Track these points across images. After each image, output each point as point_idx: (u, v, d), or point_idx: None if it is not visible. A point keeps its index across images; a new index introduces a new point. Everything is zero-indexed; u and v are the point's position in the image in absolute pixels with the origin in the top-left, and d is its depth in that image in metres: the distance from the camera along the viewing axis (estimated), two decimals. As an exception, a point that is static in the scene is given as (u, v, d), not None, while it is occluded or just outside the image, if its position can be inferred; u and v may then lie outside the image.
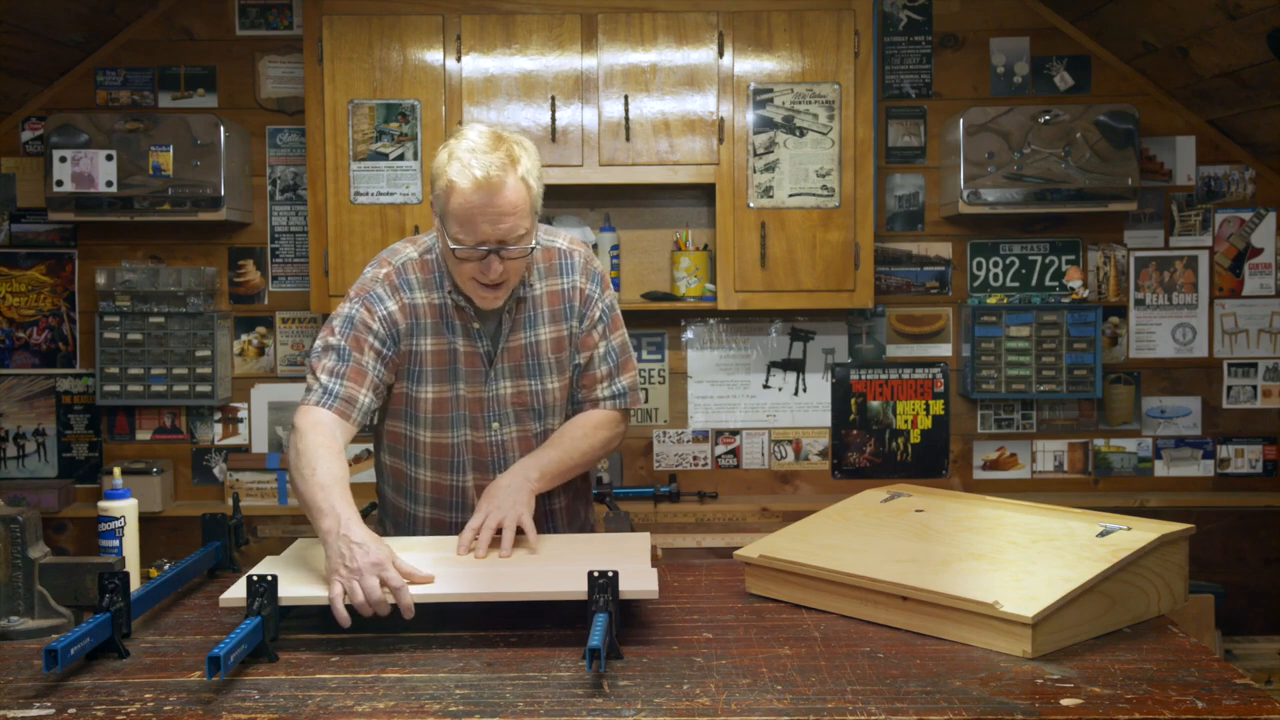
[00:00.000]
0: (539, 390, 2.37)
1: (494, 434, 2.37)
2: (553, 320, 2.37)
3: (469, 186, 2.13)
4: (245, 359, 4.32)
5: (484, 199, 2.13)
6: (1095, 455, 4.35)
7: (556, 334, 2.37)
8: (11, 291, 4.30)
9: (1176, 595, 1.99)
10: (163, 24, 4.25)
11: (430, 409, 2.35)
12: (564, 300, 2.37)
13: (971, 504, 2.26)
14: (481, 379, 2.34)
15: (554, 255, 2.38)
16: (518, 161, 2.17)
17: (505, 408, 2.36)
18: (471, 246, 2.17)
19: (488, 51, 3.92)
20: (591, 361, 2.41)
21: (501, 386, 2.35)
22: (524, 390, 2.36)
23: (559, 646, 1.86)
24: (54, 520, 4.18)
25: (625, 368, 2.44)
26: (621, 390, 2.43)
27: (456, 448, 2.38)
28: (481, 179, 2.12)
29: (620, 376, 2.44)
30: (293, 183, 4.28)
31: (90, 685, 1.72)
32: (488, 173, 2.12)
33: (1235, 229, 4.31)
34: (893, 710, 1.58)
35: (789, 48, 3.93)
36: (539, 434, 2.39)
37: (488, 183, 2.13)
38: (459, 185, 2.14)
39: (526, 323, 2.35)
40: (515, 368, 2.35)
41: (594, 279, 2.40)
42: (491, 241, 2.17)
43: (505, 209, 2.15)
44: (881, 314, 4.33)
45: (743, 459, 4.36)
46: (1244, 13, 3.44)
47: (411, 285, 2.32)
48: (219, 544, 2.36)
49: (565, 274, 2.38)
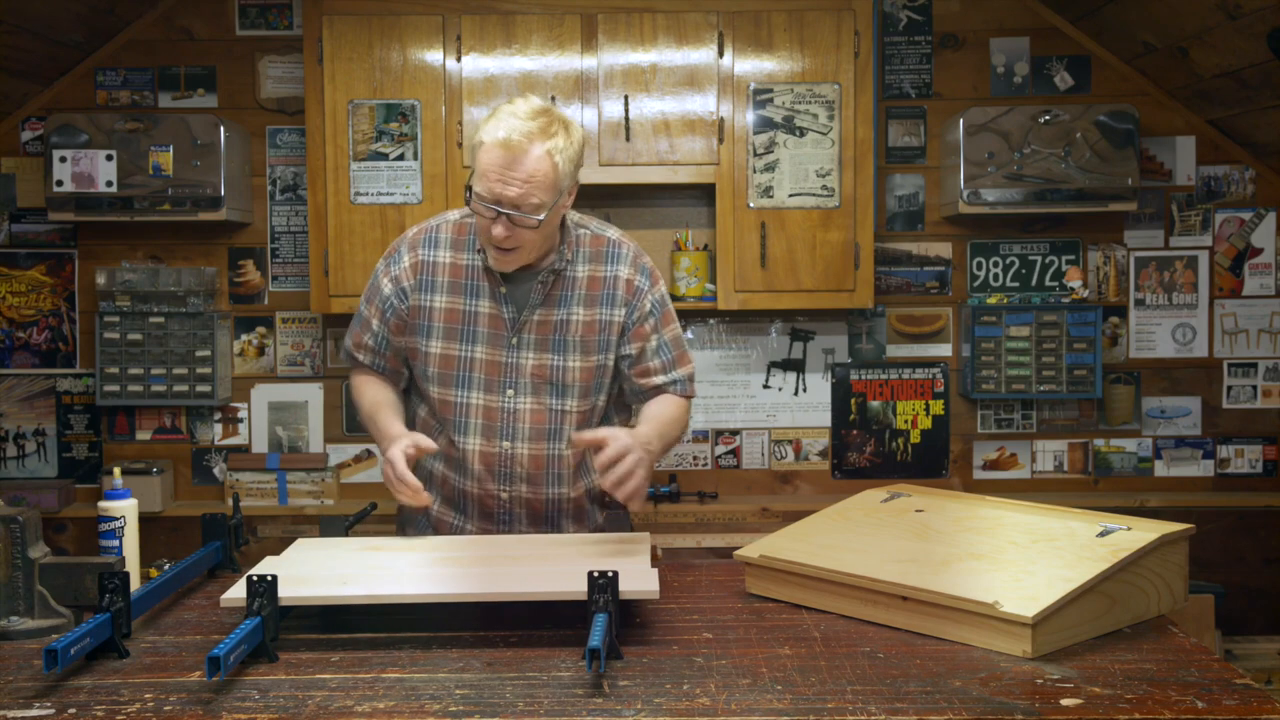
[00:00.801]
0: (560, 366, 2.39)
1: (508, 400, 2.40)
2: (589, 303, 2.40)
3: (492, 143, 2.21)
4: (245, 359, 4.32)
5: (503, 159, 2.21)
6: (1095, 455, 4.35)
7: (591, 318, 2.40)
8: (11, 291, 4.30)
9: (1176, 595, 1.99)
10: (163, 24, 4.25)
11: (436, 364, 2.41)
12: (605, 287, 2.41)
13: (971, 504, 2.26)
14: (503, 344, 2.38)
15: (603, 243, 2.44)
16: (550, 136, 2.23)
17: (524, 377, 2.39)
18: (483, 202, 2.23)
19: (488, 51, 3.92)
20: (644, 353, 2.44)
21: (524, 356, 2.39)
22: (545, 364, 2.39)
23: (559, 646, 1.86)
24: (54, 520, 4.19)
25: (681, 361, 2.50)
26: (683, 377, 2.49)
27: (460, 408, 2.41)
28: (503, 139, 2.20)
29: (679, 368, 2.48)
30: (293, 183, 4.28)
31: (90, 685, 1.72)
32: (510, 136, 2.20)
33: (1235, 229, 4.31)
34: (893, 710, 1.58)
35: (789, 48, 3.93)
36: (555, 410, 2.41)
37: (508, 144, 2.20)
38: (485, 140, 2.23)
39: (561, 300, 2.39)
40: (541, 340, 2.39)
41: (644, 272, 2.44)
42: (503, 203, 2.22)
43: (521, 175, 2.21)
44: (881, 314, 4.33)
45: (743, 459, 4.36)
46: (1244, 13, 3.44)
47: (437, 244, 2.42)
48: (219, 544, 2.36)
49: (611, 262, 2.42)
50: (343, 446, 4.32)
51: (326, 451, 4.30)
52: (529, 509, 2.45)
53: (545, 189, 2.23)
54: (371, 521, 2.70)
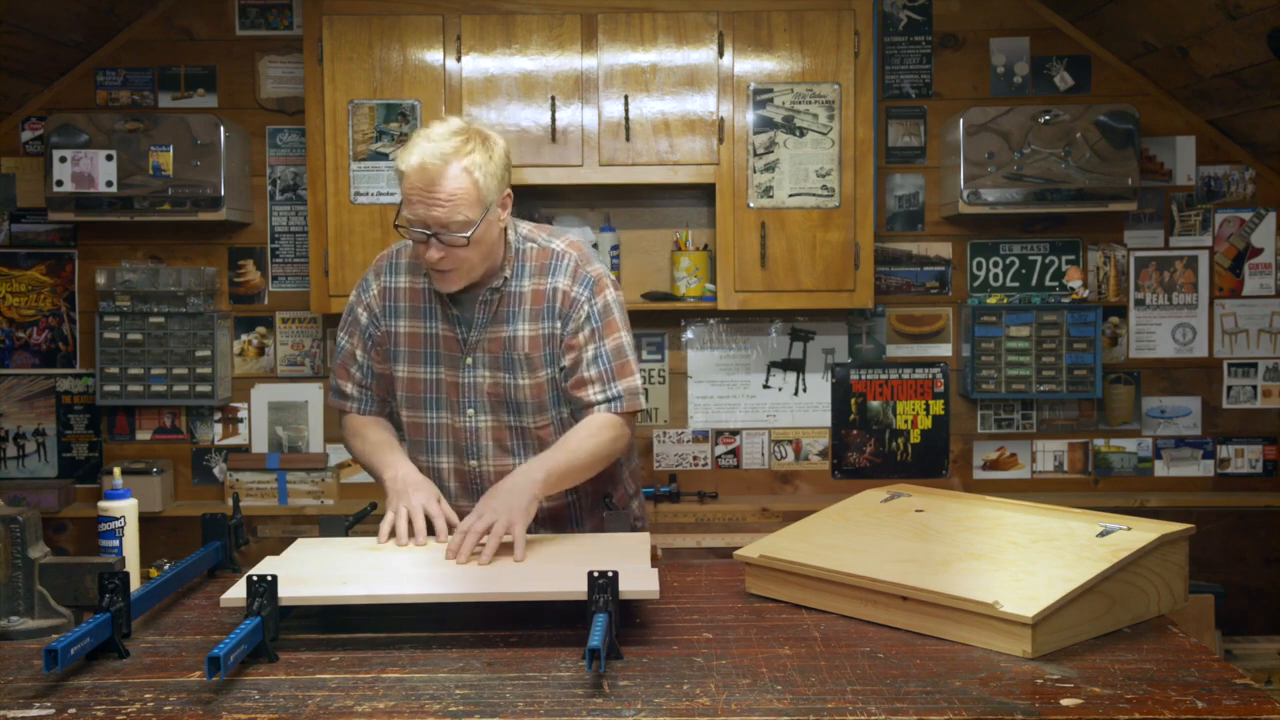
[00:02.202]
0: (510, 384, 2.40)
1: (469, 420, 2.42)
2: (533, 318, 2.38)
3: (408, 170, 2.25)
4: (245, 359, 4.32)
5: (422, 182, 2.23)
6: (1095, 455, 4.35)
7: (534, 332, 2.38)
8: (11, 291, 4.30)
9: (1176, 595, 1.99)
10: (163, 24, 4.25)
11: (404, 388, 2.45)
12: (546, 300, 2.39)
13: (971, 504, 2.26)
14: (458, 365, 2.41)
15: (547, 256, 2.41)
16: (467, 154, 2.24)
17: (481, 396, 2.41)
18: (413, 227, 2.26)
19: (488, 51, 3.92)
20: (579, 365, 2.39)
21: (479, 375, 2.41)
22: (499, 382, 2.40)
23: (559, 646, 1.86)
24: (54, 520, 4.19)
25: (621, 372, 2.41)
26: (617, 394, 2.40)
27: (431, 428, 2.46)
28: (417, 165, 2.23)
29: (616, 381, 2.41)
30: (293, 183, 4.28)
31: (90, 685, 1.72)
32: (423, 160, 2.22)
33: (1235, 229, 4.31)
34: (893, 710, 1.58)
35: (789, 48, 3.93)
36: (513, 427, 2.42)
37: (423, 169, 2.22)
38: (402, 168, 2.26)
39: (507, 316, 2.38)
40: (493, 359, 2.39)
41: (583, 282, 2.39)
42: (430, 225, 2.24)
43: (441, 196, 2.22)
44: (881, 314, 4.33)
45: (743, 459, 4.36)
46: (1244, 13, 3.44)
47: (398, 269, 2.45)
48: (219, 544, 2.36)
49: (552, 274, 2.40)
50: (343, 446, 4.30)
51: (326, 451, 4.30)
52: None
53: (469, 206, 2.24)
54: (371, 521, 2.70)
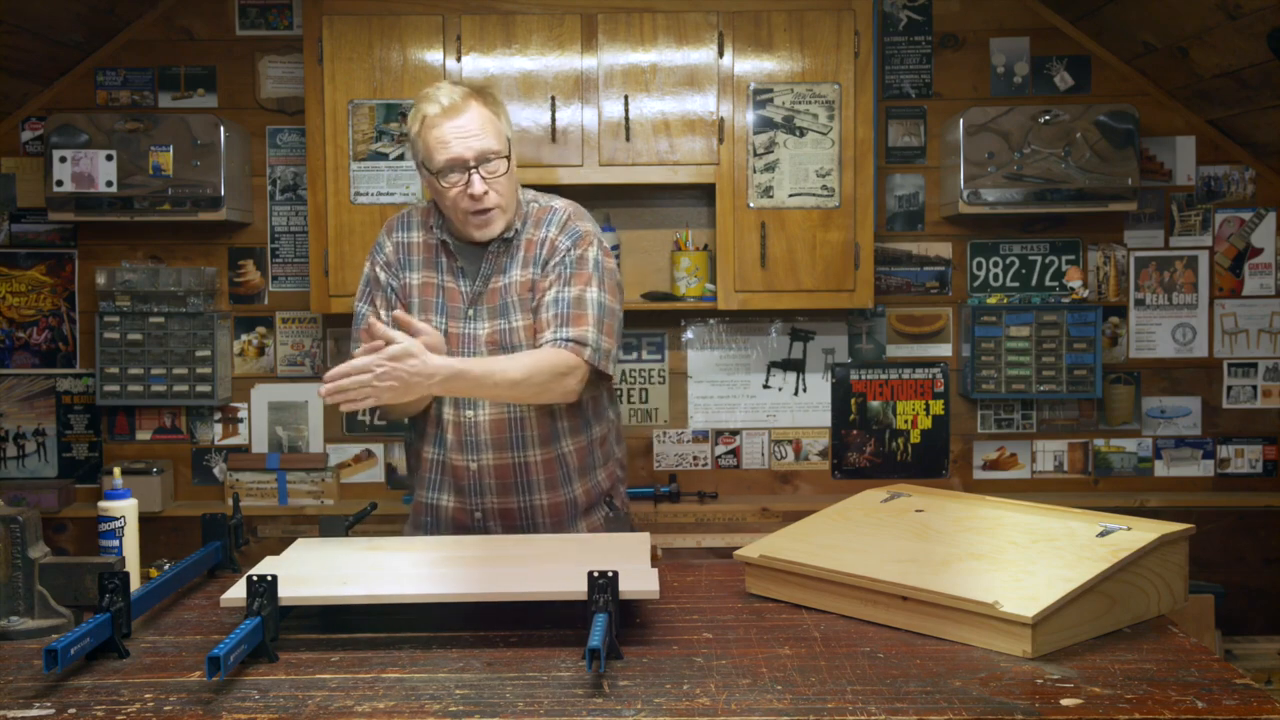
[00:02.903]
0: (506, 329, 2.45)
1: None
2: (524, 265, 2.48)
3: (437, 112, 2.36)
4: (245, 359, 4.32)
5: (452, 122, 2.36)
6: (1095, 455, 4.35)
7: (526, 278, 2.47)
8: (11, 291, 4.30)
9: (1176, 595, 1.99)
10: (163, 24, 4.25)
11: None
12: (537, 248, 2.48)
13: (971, 504, 2.26)
14: (461, 316, 2.47)
15: (546, 211, 2.52)
16: (478, 95, 2.41)
17: (480, 347, 2.45)
18: (452, 168, 2.35)
19: (488, 51, 3.92)
20: (541, 306, 2.43)
21: (479, 326, 2.47)
22: (496, 329, 2.46)
23: (559, 646, 1.86)
24: (54, 520, 4.18)
25: (576, 320, 2.39)
26: (565, 338, 2.38)
27: None
28: (447, 104, 2.37)
29: (567, 327, 2.38)
30: (293, 183, 4.28)
31: (90, 685, 1.72)
32: (452, 99, 2.37)
33: (1235, 229, 4.31)
34: (893, 710, 1.58)
35: (789, 48, 3.93)
36: None
37: (453, 107, 2.37)
38: (429, 113, 2.37)
39: (506, 267, 2.48)
40: (492, 309, 2.47)
41: (569, 232, 2.48)
42: (469, 158, 2.35)
43: (473, 128, 2.36)
44: (881, 314, 4.33)
45: (743, 459, 4.36)
46: (1244, 13, 3.44)
47: (410, 225, 2.56)
48: (219, 544, 2.36)
49: (546, 226, 2.50)
50: (343, 446, 4.31)
51: (326, 451, 4.30)
52: (498, 477, 2.48)
53: (497, 135, 2.39)
54: (371, 521, 2.70)
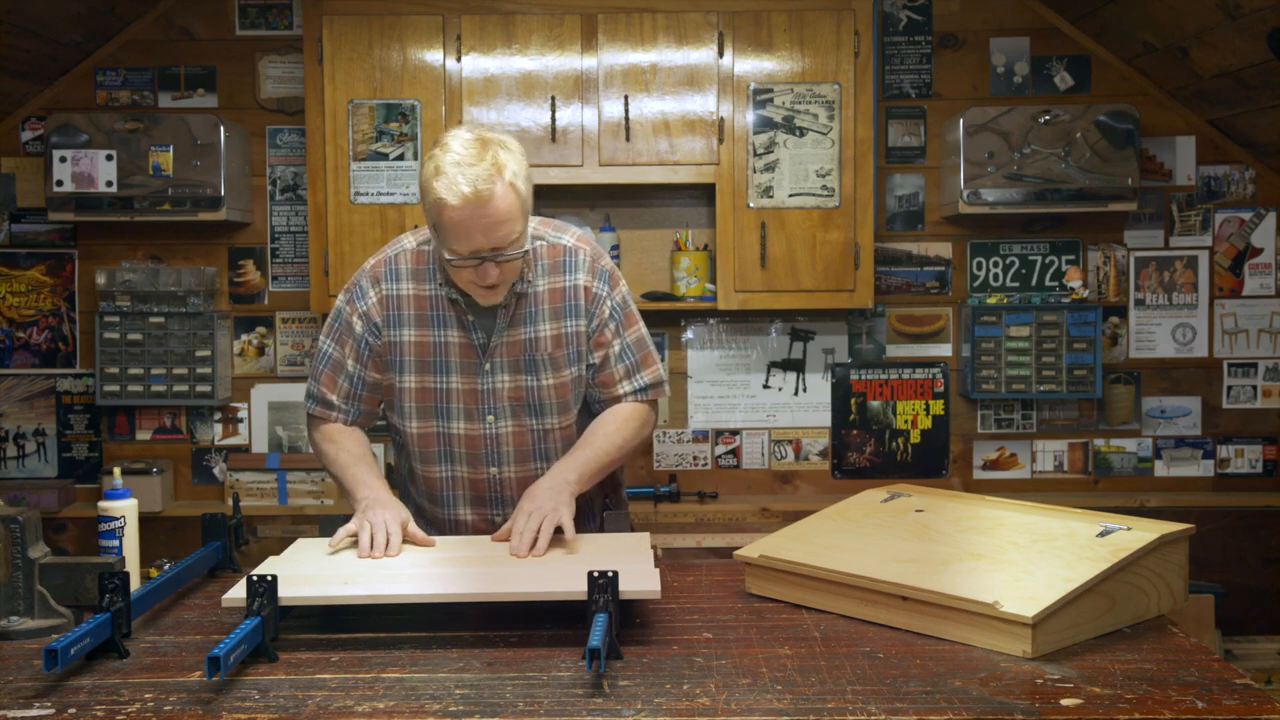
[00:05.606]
0: (534, 386, 2.37)
1: (489, 427, 2.38)
2: (554, 317, 2.36)
3: (458, 203, 2.12)
4: (245, 359, 4.32)
5: (474, 213, 2.12)
6: (1095, 455, 4.35)
7: (557, 331, 2.36)
8: (11, 291, 4.30)
9: (1176, 595, 1.99)
10: (163, 24, 4.25)
11: (414, 399, 2.38)
12: (566, 298, 2.37)
13: (971, 504, 2.26)
14: (477, 371, 2.35)
15: (559, 252, 2.38)
16: (504, 169, 2.15)
17: (501, 401, 2.36)
18: (466, 256, 2.18)
19: (488, 51, 3.92)
20: (607, 360, 2.40)
21: (499, 380, 2.36)
22: (520, 385, 2.36)
23: (559, 646, 1.86)
24: (54, 520, 4.19)
25: (646, 363, 2.44)
26: (644, 385, 2.43)
27: (443, 438, 2.39)
28: (470, 195, 2.11)
29: (642, 372, 2.43)
30: (293, 183, 4.28)
31: (90, 685, 1.72)
32: (475, 187, 2.11)
33: (1235, 229, 4.31)
34: (893, 710, 1.58)
35: (789, 48, 3.93)
36: (536, 430, 2.39)
37: (476, 197, 2.11)
38: (448, 201, 2.12)
39: (526, 318, 2.35)
40: (514, 362, 2.35)
41: (601, 277, 2.39)
42: (486, 250, 2.17)
43: (497, 219, 2.14)
44: (881, 314, 4.33)
45: (743, 459, 4.36)
46: (1244, 13, 3.44)
47: (399, 276, 2.36)
48: (219, 544, 2.36)
49: (570, 271, 2.37)
50: (343, 446, 4.31)
51: (326, 451, 4.29)
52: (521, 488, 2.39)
53: (518, 219, 2.18)
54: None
